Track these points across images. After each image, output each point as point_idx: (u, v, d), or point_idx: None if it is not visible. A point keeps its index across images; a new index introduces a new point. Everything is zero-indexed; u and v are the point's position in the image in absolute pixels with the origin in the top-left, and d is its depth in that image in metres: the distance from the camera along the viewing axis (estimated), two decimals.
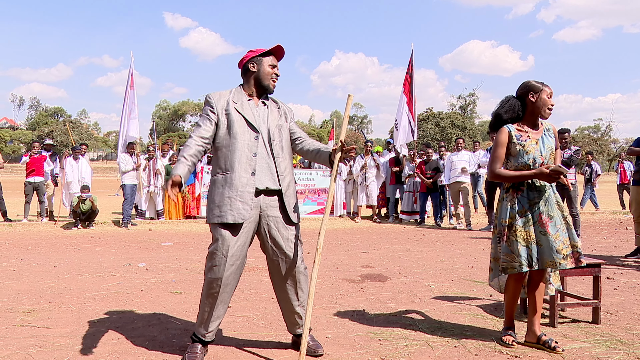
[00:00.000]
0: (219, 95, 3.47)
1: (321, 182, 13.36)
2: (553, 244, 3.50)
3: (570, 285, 5.46)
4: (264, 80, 3.52)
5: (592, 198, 15.80)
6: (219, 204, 3.31)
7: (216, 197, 3.34)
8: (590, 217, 13.78)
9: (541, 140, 3.67)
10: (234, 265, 3.33)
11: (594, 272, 4.23)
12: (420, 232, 11.17)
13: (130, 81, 12.35)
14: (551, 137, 3.73)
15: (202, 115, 3.46)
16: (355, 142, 65.96)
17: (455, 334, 3.96)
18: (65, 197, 12.05)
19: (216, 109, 3.42)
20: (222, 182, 3.34)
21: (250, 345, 3.72)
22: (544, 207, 3.57)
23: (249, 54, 3.55)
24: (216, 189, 3.36)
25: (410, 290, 5.49)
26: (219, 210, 3.30)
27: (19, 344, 3.73)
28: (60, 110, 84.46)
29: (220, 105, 3.43)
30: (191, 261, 7.30)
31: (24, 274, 6.33)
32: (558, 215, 3.58)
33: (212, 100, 3.43)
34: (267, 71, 3.52)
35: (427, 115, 63.24)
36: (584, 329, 4.07)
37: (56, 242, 9.52)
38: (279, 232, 3.43)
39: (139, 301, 5.02)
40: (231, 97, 3.47)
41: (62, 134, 62.29)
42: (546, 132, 3.73)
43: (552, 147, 3.70)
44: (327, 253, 8.12)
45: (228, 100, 3.44)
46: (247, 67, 3.54)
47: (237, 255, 3.33)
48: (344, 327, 4.16)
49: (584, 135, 77.00)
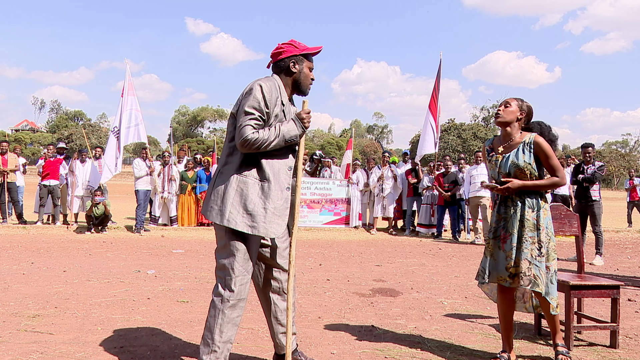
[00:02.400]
0: (270, 88, 3.07)
1: (338, 191, 13.25)
2: (503, 260, 3.54)
3: (589, 307, 5.28)
4: (304, 85, 3.23)
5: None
6: (252, 212, 3.02)
7: (249, 204, 3.03)
8: (614, 236, 13.43)
9: (509, 155, 3.61)
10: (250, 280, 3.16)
11: (612, 294, 4.07)
12: (437, 245, 10.99)
13: (128, 87, 12.29)
14: (526, 152, 3.58)
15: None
16: (374, 152, 65.83)
17: (464, 354, 3.82)
18: (70, 200, 12.04)
19: (270, 105, 3.07)
20: (259, 190, 3.05)
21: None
22: (506, 223, 3.59)
23: (289, 49, 3.19)
24: (249, 194, 3.03)
25: (421, 306, 5.35)
26: (250, 219, 3.02)
27: (20, 350, 3.69)
28: (81, 114, 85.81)
29: (272, 101, 3.07)
30: (201, 269, 7.23)
31: (33, 278, 6.32)
32: (518, 233, 3.53)
33: (266, 94, 3.04)
34: (308, 75, 3.23)
35: (449, 126, 62.74)
36: (600, 353, 3.91)
37: (68, 246, 9.54)
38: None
39: (145, 309, 4.95)
40: (281, 94, 3.14)
41: (81, 137, 62.94)
42: (523, 145, 3.61)
43: (522, 162, 3.56)
44: (339, 265, 8.00)
45: (278, 99, 3.11)
46: (287, 65, 3.19)
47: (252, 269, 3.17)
48: (351, 343, 4.04)
49: (611, 150, 75.75)
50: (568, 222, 4.38)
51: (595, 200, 8.69)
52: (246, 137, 2.96)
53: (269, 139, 3.00)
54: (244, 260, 3.06)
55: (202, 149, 57.97)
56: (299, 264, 7.97)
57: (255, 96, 3.02)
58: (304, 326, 4.46)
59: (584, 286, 4.05)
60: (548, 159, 3.55)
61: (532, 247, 3.48)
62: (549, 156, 3.55)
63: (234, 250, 3.05)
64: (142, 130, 12.15)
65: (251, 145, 2.98)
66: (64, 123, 79.65)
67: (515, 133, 3.65)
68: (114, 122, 12.42)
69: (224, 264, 3.07)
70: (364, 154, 64.98)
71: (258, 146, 2.98)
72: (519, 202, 3.56)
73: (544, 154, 3.55)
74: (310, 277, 6.82)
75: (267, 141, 2.99)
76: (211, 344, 3.05)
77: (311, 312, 5.00)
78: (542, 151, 3.55)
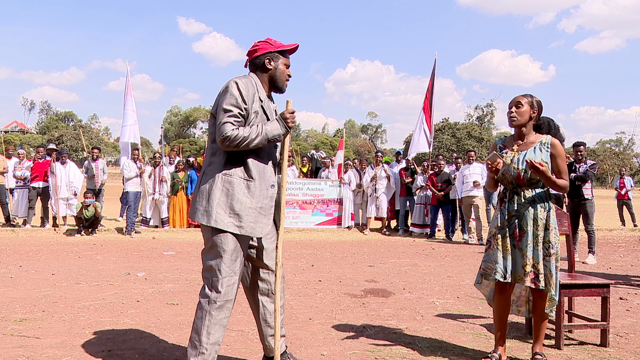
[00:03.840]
0: (246, 85, 3.06)
1: (330, 192, 13.22)
2: (519, 258, 3.51)
3: (580, 306, 5.27)
4: (280, 81, 3.22)
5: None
6: (238, 212, 3.00)
7: (235, 203, 3.00)
8: (607, 234, 13.42)
9: (525, 153, 3.60)
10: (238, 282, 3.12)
11: (602, 293, 4.05)
12: (430, 245, 10.98)
13: (127, 87, 12.29)
14: (543, 150, 3.58)
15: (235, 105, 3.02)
16: (368, 152, 65.78)
17: (455, 354, 3.80)
18: (54, 203, 11.91)
19: (248, 101, 3.05)
20: (244, 189, 3.03)
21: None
22: (519, 221, 3.55)
23: (264, 46, 3.20)
24: (235, 194, 3.01)
25: (413, 306, 5.32)
26: (238, 219, 3.00)
27: (6, 354, 3.65)
28: (71, 115, 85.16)
29: (249, 97, 3.05)
30: (191, 271, 7.18)
31: (20, 281, 6.25)
32: (532, 232, 3.51)
33: (242, 91, 3.03)
34: (284, 72, 3.23)
35: (444, 125, 62.47)
36: (591, 352, 3.90)
37: (57, 249, 9.45)
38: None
39: (134, 312, 4.90)
40: (258, 90, 3.14)
41: (71, 138, 62.41)
42: (540, 145, 3.60)
43: (539, 160, 3.54)
44: (331, 266, 7.97)
45: (255, 95, 3.10)
46: (263, 62, 3.19)
47: (241, 270, 3.14)
48: (341, 344, 4.00)
49: (605, 149, 75.87)
50: (559, 221, 4.36)
51: (587, 199, 8.69)
52: (226, 134, 2.94)
53: (249, 137, 2.97)
54: (231, 261, 3.02)
55: (194, 150, 57.73)
56: (290, 265, 7.93)
57: (232, 93, 3.00)
58: (294, 327, 4.43)
59: (574, 285, 4.03)
60: (561, 161, 3.56)
61: (542, 246, 3.49)
62: (562, 159, 3.57)
63: (221, 251, 3.01)
64: (135, 130, 12.11)
65: (231, 142, 2.95)
66: (54, 124, 78.93)
67: (530, 132, 3.65)
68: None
69: (210, 265, 3.04)
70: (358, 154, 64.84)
71: (238, 143, 2.95)
72: (530, 201, 3.54)
73: (559, 156, 3.56)
74: (302, 278, 6.78)
75: (247, 139, 2.97)
76: (199, 346, 3.01)
77: (302, 313, 4.96)
78: (558, 153, 3.56)
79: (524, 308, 3.93)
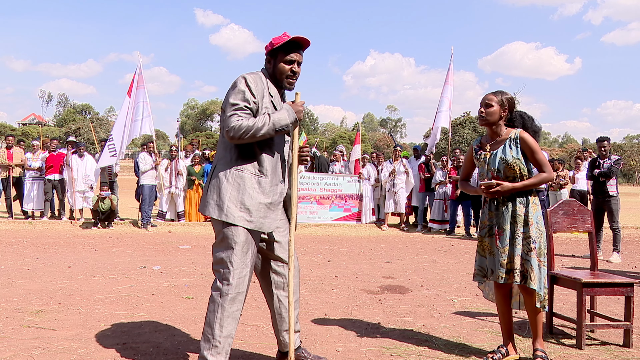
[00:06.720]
0: (255, 80, 3.06)
1: (348, 187, 13.12)
2: (499, 257, 3.50)
3: (603, 305, 5.15)
4: (279, 79, 3.17)
5: None
6: (249, 207, 3.00)
7: (246, 198, 3.00)
8: (633, 232, 13.07)
9: (496, 152, 3.57)
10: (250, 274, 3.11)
11: (625, 292, 3.95)
12: (449, 242, 10.85)
13: (138, 80, 12.19)
14: (513, 147, 3.54)
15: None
16: (387, 146, 65.39)
17: (472, 352, 3.72)
18: (71, 196, 12.00)
19: (257, 96, 3.05)
20: (255, 184, 3.03)
21: (256, 357, 3.57)
22: (498, 219, 3.57)
23: (267, 46, 3.19)
24: (247, 189, 3.01)
25: (430, 303, 5.25)
26: (248, 214, 3.00)
27: (22, 345, 3.66)
28: (88, 107, 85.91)
29: (259, 92, 3.05)
30: (207, 265, 7.17)
31: (37, 274, 6.29)
32: (511, 228, 3.50)
33: (251, 85, 3.03)
34: (283, 70, 3.14)
35: (465, 119, 61.69)
36: (613, 352, 3.80)
37: (74, 242, 9.52)
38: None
39: (149, 305, 4.89)
40: (268, 86, 3.13)
41: (88, 131, 62.73)
42: (509, 141, 3.56)
43: (511, 158, 3.51)
44: (348, 262, 7.91)
45: (265, 89, 3.09)
46: (265, 62, 3.22)
47: (252, 263, 3.12)
48: (356, 340, 3.95)
49: (633, 144, 74.47)
50: (581, 218, 4.27)
51: (612, 195, 8.51)
52: (231, 125, 2.92)
53: (255, 126, 2.93)
54: (241, 253, 3.00)
55: (211, 144, 57.84)
56: (307, 260, 7.89)
57: (239, 88, 3.00)
58: (310, 323, 4.39)
59: (596, 284, 3.94)
60: (534, 154, 3.51)
61: (523, 242, 3.47)
62: (534, 151, 3.51)
63: (232, 243, 2.99)
64: (149, 123, 12.02)
65: (236, 133, 2.92)
66: (71, 117, 79.52)
67: (501, 130, 3.62)
68: (120, 115, 12.24)
69: (222, 257, 3.02)
70: (376, 148, 64.39)
71: (243, 133, 2.92)
72: (508, 198, 3.53)
73: (529, 149, 3.51)
74: (318, 274, 6.73)
75: (253, 128, 2.93)
76: (212, 339, 2.99)
77: (317, 309, 4.92)
78: (528, 146, 3.51)
79: (514, 300, 3.84)
